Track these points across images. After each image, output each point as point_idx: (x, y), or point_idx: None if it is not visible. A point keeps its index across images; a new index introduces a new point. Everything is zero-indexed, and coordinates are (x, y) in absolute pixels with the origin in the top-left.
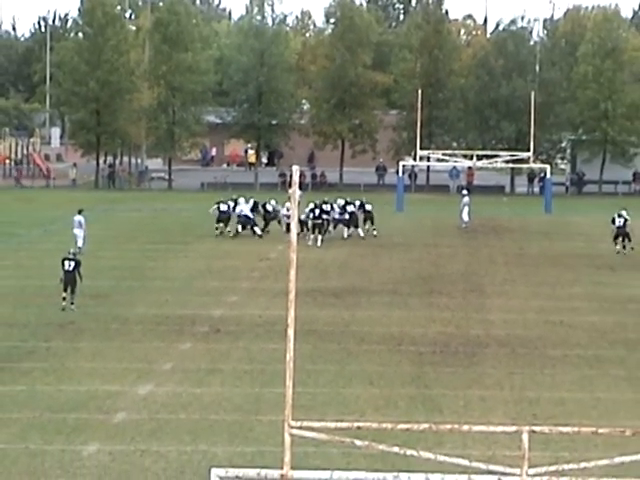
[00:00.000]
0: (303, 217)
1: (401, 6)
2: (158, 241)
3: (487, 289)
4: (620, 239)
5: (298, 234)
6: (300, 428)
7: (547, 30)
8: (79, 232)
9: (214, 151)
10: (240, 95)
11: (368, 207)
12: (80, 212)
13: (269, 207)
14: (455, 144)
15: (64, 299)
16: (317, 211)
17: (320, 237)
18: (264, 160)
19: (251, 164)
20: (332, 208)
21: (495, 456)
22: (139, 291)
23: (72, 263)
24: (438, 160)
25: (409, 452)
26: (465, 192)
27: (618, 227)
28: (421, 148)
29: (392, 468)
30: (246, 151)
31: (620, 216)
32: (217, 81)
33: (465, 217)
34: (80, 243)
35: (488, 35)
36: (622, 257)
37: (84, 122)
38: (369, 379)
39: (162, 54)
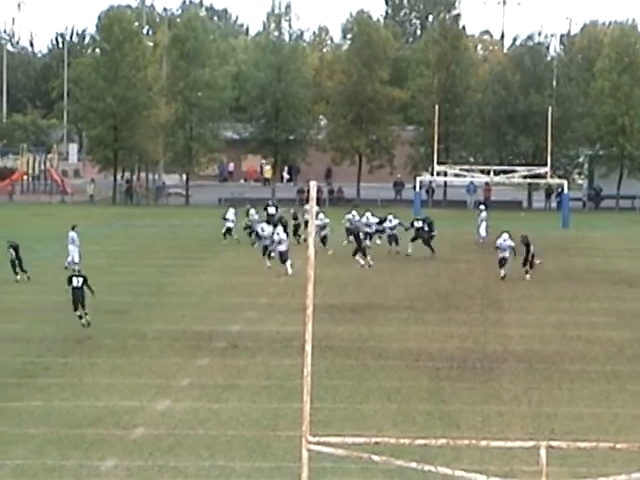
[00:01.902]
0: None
1: (418, 22)
2: (175, 257)
3: (504, 304)
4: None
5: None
6: (318, 443)
7: (564, 45)
8: (72, 248)
9: (232, 167)
10: (257, 111)
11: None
12: (73, 228)
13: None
14: (472, 159)
15: (80, 317)
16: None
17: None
18: (285, 175)
19: (266, 180)
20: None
21: (513, 471)
22: (156, 307)
23: (80, 279)
24: (455, 175)
25: (427, 467)
26: (482, 207)
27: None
28: (438, 163)
29: None
30: (261, 166)
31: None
32: (234, 97)
33: (482, 232)
34: (73, 259)
35: (505, 50)
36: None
37: (102, 138)
38: (387, 395)
39: (179, 70)
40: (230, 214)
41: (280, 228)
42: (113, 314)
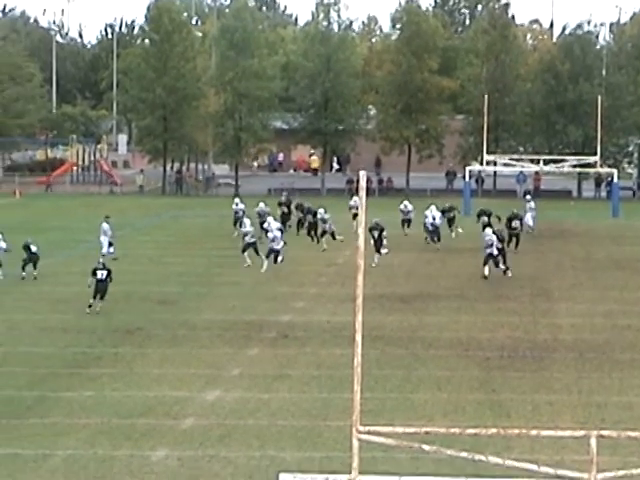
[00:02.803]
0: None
1: (467, 11)
2: (225, 247)
3: (555, 293)
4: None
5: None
6: (368, 433)
7: (613, 34)
8: (104, 239)
9: (281, 157)
10: (306, 101)
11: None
12: (106, 219)
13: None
14: (522, 149)
15: (90, 306)
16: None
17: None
18: (335, 165)
19: (314, 170)
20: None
21: (563, 461)
22: (206, 297)
23: (104, 272)
24: (505, 165)
25: (477, 457)
26: (528, 197)
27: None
28: (488, 153)
29: (460, 473)
30: (310, 156)
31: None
32: (283, 87)
33: (530, 222)
34: (104, 250)
35: (554, 39)
36: None
37: (151, 128)
38: (437, 384)
39: (228, 60)
40: (237, 204)
41: (275, 224)
42: (163, 304)
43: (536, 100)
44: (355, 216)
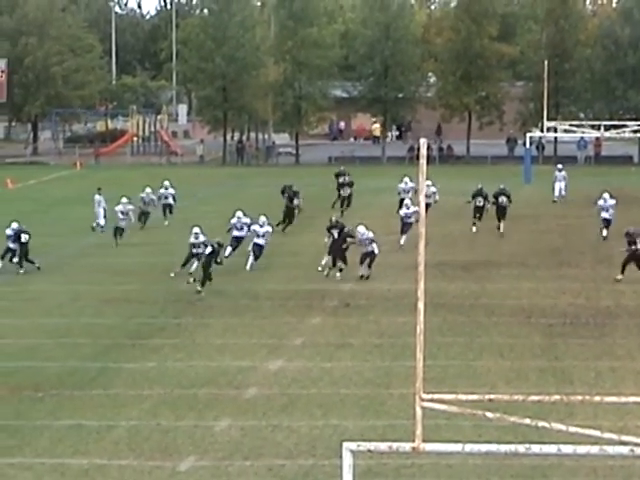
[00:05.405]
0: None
1: None
2: None
3: (616, 260)
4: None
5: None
6: (431, 401)
7: None
8: (99, 211)
9: (342, 125)
10: (366, 69)
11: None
12: (98, 190)
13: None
14: (582, 115)
15: (190, 273)
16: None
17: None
18: (395, 133)
19: (376, 138)
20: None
21: (627, 427)
22: (268, 267)
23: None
24: (565, 131)
25: (540, 424)
26: (560, 167)
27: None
28: (548, 119)
29: (524, 440)
30: (373, 124)
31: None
32: (343, 55)
33: (557, 192)
34: (97, 221)
35: (614, 4)
36: None
37: (211, 99)
38: (499, 351)
39: (287, 29)
40: (167, 188)
41: (264, 218)
42: (225, 275)
43: (596, 66)
44: (402, 202)
